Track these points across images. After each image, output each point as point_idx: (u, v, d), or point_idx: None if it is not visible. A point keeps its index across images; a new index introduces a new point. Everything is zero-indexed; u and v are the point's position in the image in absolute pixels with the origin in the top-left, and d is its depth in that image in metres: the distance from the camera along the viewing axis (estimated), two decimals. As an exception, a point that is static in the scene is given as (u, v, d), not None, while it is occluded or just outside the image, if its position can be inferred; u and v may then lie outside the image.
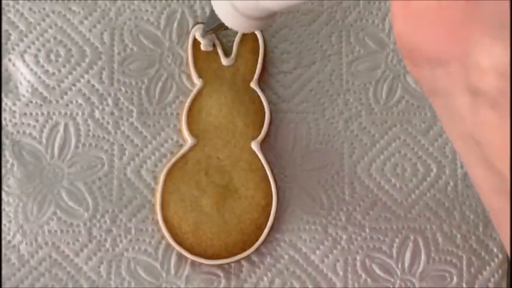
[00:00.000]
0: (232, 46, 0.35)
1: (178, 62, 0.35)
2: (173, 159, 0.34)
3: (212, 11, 0.26)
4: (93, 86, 0.35)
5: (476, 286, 0.35)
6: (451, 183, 0.36)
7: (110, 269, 0.34)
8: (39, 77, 0.35)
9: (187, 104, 0.34)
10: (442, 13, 0.16)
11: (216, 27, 0.29)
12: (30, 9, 0.35)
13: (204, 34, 0.33)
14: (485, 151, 0.18)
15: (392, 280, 0.35)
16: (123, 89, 0.35)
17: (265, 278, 0.35)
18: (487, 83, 0.17)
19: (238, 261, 0.34)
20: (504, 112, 0.17)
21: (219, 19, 0.26)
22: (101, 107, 0.35)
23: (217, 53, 0.35)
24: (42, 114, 0.35)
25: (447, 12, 0.16)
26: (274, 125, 0.36)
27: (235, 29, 0.26)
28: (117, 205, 0.35)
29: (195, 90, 0.34)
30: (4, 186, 0.34)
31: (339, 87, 0.36)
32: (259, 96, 0.34)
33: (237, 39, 0.35)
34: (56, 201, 0.34)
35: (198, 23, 0.35)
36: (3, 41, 0.35)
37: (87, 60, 0.35)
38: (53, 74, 0.35)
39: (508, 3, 0.15)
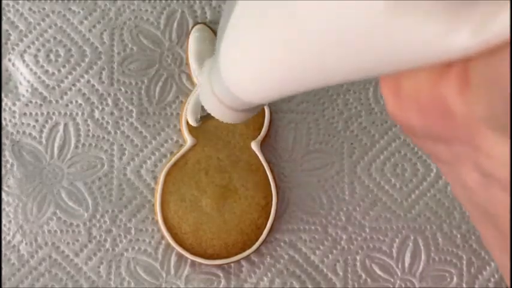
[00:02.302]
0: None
1: (178, 62, 0.35)
2: (173, 159, 0.34)
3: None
4: (93, 86, 0.35)
5: (476, 286, 0.35)
6: (451, 183, 0.36)
7: (109, 269, 0.34)
8: (39, 77, 0.35)
9: (187, 104, 0.34)
10: (436, 99, 0.15)
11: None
12: (30, 9, 0.35)
13: (196, 122, 0.33)
14: (500, 223, 0.17)
15: (392, 280, 0.35)
16: (122, 89, 0.35)
17: (265, 278, 0.35)
18: (498, 171, 0.16)
19: (238, 262, 0.34)
20: None
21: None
22: (100, 107, 0.35)
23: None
24: (42, 114, 0.35)
25: (441, 97, 0.15)
26: (274, 125, 0.35)
27: (224, 121, 0.25)
28: (117, 205, 0.35)
29: (195, 90, 0.34)
30: (4, 186, 0.34)
31: (339, 87, 0.36)
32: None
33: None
34: (55, 201, 0.34)
35: (197, 23, 0.35)
36: (3, 41, 0.35)
37: (86, 60, 0.35)
38: (53, 74, 0.35)
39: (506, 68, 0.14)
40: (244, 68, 0.21)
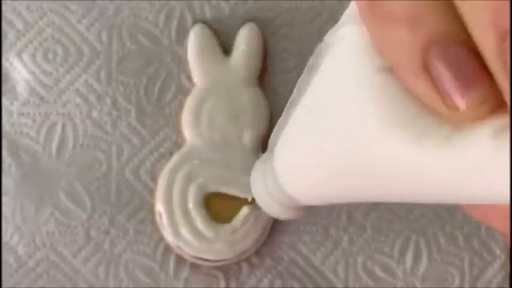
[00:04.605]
0: (232, 45, 0.35)
1: (177, 61, 0.35)
2: (172, 160, 0.34)
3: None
4: (91, 85, 0.35)
5: (478, 287, 0.35)
6: (453, 184, 0.36)
7: (108, 271, 0.34)
8: (37, 76, 0.35)
9: (186, 104, 0.34)
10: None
11: None
12: (27, 7, 0.35)
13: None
14: None
15: (394, 281, 0.35)
16: (121, 89, 0.35)
17: (265, 280, 0.35)
18: None
19: (237, 263, 0.34)
20: None
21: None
22: (99, 107, 0.35)
23: (217, 52, 0.34)
24: (40, 113, 0.35)
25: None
26: (275, 125, 0.35)
27: (277, 217, 0.26)
28: (115, 206, 0.35)
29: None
30: (1, 187, 0.34)
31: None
32: (259, 96, 0.34)
33: (237, 39, 0.34)
34: (53, 201, 0.34)
35: (197, 21, 0.35)
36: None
37: (85, 59, 0.35)
38: (51, 73, 0.35)
39: None
40: (295, 170, 0.21)
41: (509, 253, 0.36)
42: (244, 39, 0.34)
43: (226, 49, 0.35)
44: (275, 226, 0.34)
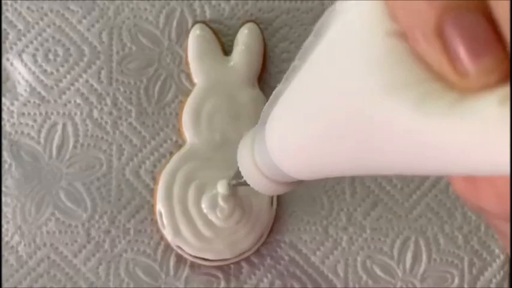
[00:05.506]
0: (232, 46, 0.35)
1: (177, 61, 0.35)
2: (172, 160, 0.34)
3: (238, 171, 0.25)
4: (92, 85, 0.35)
5: (477, 287, 0.35)
6: (453, 184, 0.36)
7: (108, 270, 0.34)
8: (37, 77, 0.35)
9: (186, 104, 0.34)
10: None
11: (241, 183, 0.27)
12: (28, 8, 0.35)
13: (231, 190, 0.31)
14: None
15: (393, 281, 0.35)
16: (121, 89, 0.35)
17: (265, 280, 0.35)
18: None
19: (237, 263, 0.34)
20: None
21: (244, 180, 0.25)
22: (99, 107, 0.35)
23: (217, 52, 0.34)
24: (41, 114, 0.35)
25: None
26: (274, 125, 0.35)
27: (262, 192, 0.25)
28: (115, 206, 0.34)
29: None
30: (2, 187, 0.34)
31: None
32: (259, 96, 0.34)
33: (237, 39, 0.34)
34: (54, 201, 0.34)
35: (197, 21, 0.35)
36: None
37: (85, 59, 0.35)
38: (51, 73, 0.35)
39: None
40: (289, 139, 0.21)
41: (510, 252, 0.36)
42: (244, 40, 0.34)
43: (226, 49, 0.35)
44: (275, 226, 0.34)
